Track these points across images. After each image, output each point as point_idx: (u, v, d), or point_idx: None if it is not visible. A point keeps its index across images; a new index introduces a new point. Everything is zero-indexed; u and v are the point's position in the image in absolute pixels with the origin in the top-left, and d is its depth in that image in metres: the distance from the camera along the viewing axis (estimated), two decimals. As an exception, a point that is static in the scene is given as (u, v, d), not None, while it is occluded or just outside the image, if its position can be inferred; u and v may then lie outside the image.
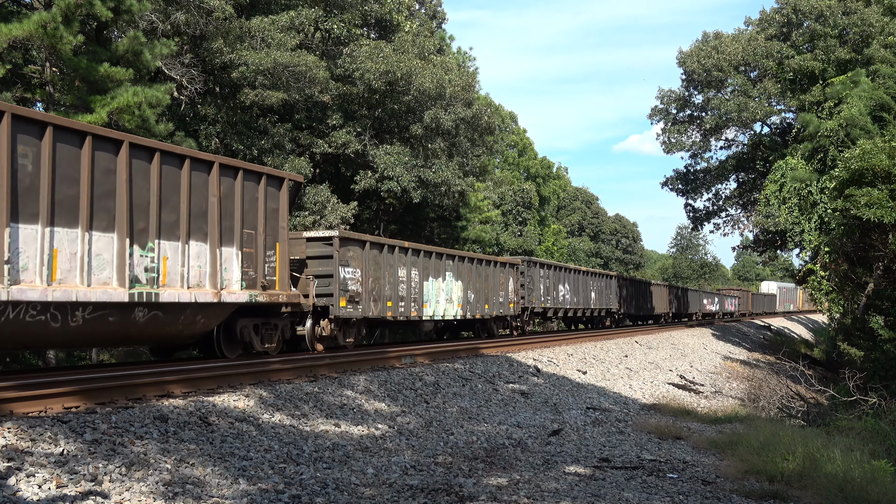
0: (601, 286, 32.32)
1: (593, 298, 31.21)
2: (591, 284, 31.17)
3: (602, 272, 33.19)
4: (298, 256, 15.15)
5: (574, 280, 29.14)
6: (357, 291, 15.82)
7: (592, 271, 31.73)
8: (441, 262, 19.66)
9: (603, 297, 32.46)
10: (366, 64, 26.29)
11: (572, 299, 28.77)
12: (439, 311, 19.35)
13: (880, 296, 22.72)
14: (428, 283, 18.90)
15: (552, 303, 26.78)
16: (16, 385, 8.41)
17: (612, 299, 33.71)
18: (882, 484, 8.71)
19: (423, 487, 7.39)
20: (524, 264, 24.96)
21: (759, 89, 39.05)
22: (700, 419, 14.79)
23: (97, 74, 16.76)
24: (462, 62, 46.00)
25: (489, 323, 22.84)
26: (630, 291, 37.92)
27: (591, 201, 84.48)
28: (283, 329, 14.14)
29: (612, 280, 33.98)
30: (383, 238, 18.12)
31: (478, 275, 21.62)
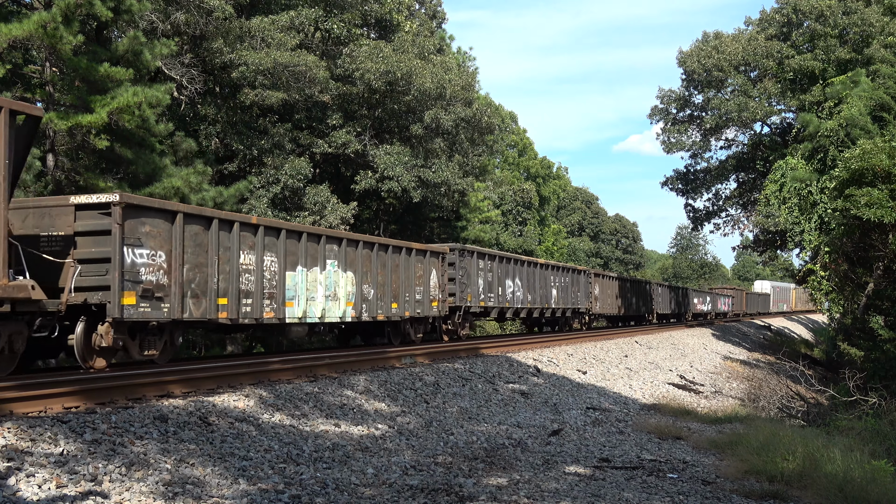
0: (566, 282, 28.55)
1: (555, 296, 27.35)
2: (553, 280, 27.32)
3: (568, 266, 29.51)
4: (62, 232, 10.83)
5: (529, 274, 25.21)
6: (159, 283, 11.42)
7: (554, 264, 27.81)
8: (318, 246, 15.11)
9: (569, 295, 28.76)
10: (366, 64, 26.29)
11: (526, 297, 24.85)
12: (314, 312, 14.85)
13: (880, 296, 22.72)
14: (295, 273, 14.40)
15: (497, 301, 22.68)
16: (16, 385, 8.41)
17: (582, 297, 30.03)
18: (882, 484, 8.71)
19: (423, 487, 7.39)
20: (454, 253, 20.70)
21: (759, 89, 39.06)
22: (700, 419, 14.79)
23: (97, 74, 16.76)
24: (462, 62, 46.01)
25: (403, 326, 18.54)
26: (607, 289, 33.75)
27: (591, 201, 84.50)
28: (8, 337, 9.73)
29: (580, 276, 30.22)
30: (212, 210, 13.67)
31: (380, 265, 17.17)
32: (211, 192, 19.65)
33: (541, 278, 26.17)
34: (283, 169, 24.00)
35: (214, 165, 23.42)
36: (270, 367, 11.39)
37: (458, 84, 28.48)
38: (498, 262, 23.06)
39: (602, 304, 32.69)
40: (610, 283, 34.23)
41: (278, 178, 23.95)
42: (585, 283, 30.58)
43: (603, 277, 33.40)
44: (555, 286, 27.41)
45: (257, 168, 24.44)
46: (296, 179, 24.14)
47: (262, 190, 23.74)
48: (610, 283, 34.34)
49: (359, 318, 16.35)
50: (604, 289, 33.11)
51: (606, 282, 33.83)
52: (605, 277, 33.88)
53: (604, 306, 33.01)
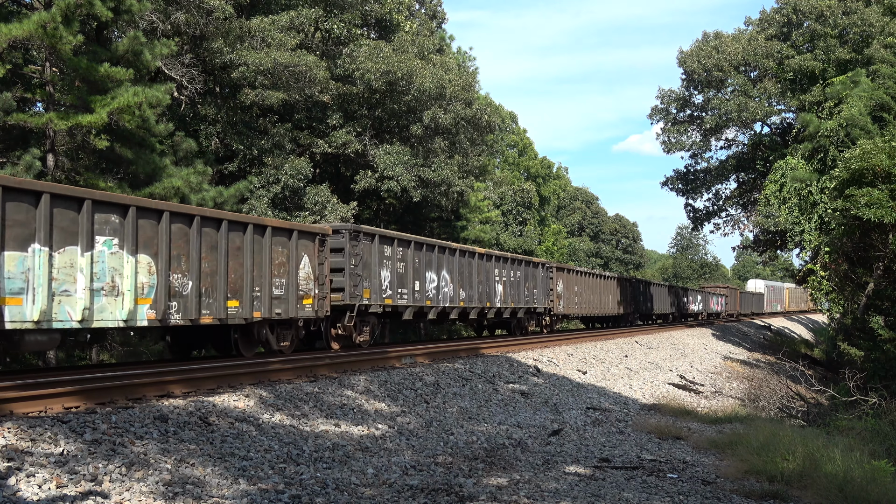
0: (517, 277, 24.16)
1: (501, 294, 22.94)
2: (499, 274, 22.82)
3: (520, 258, 25.11)
4: None
5: (463, 266, 20.64)
6: None
7: (500, 255, 23.24)
8: (79, 215, 10.21)
9: (522, 292, 24.49)
10: (366, 64, 26.29)
11: (458, 294, 20.35)
12: (68, 313, 9.97)
13: (880, 296, 22.71)
14: (25, 255, 9.48)
15: (412, 298, 18.16)
16: (16, 385, 8.41)
17: (540, 295, 25.89)
18: (882, 484, 8.71)
19: (423, 487, 7.39)
20: (341, 235, 15.89)
21: (759, 89, 39.06)
22: (700, 419, 14.79)
23: (97, 74, 16.76)
24: (462, 62, 46.02)
25: (257, 331, 13.77)
26: (573, 286, 29.36)
27: (591, 201, 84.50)
28: None
29: (538, 269, 25.94)
30: None
31: (207, 247, 12.38)
32: (211, 192, 19.65)
33: (481, 272, 21.66)
34: (283, 169, 24.00)
35: (214, 165, 23.43)
36: (270, 367, 11.39)
37: (458, 84, 28.49)
38: (415, 250, 18.36)
39: (568, 302, 28.48)
40: (578, 280, 30.02)
41: (278, 178, 23.95)
42: (545, 279, 26.33)
43: (569, 272, 29.14)
44: (501, 281, 22.89)
45: (257, 168, 24.44)
46: (296, 179, 24.15)
47: (262, 190, 23.74)
48: (578, 278, 30.02)
49: (163, 320, 11.41)
50: (569, 285, 28.83)
51: (573, 277, 29.56)
52: (572, 273, 29.67)
53: (570, 305, 28.78)
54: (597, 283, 32.15)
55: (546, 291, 26.46)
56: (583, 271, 31.24)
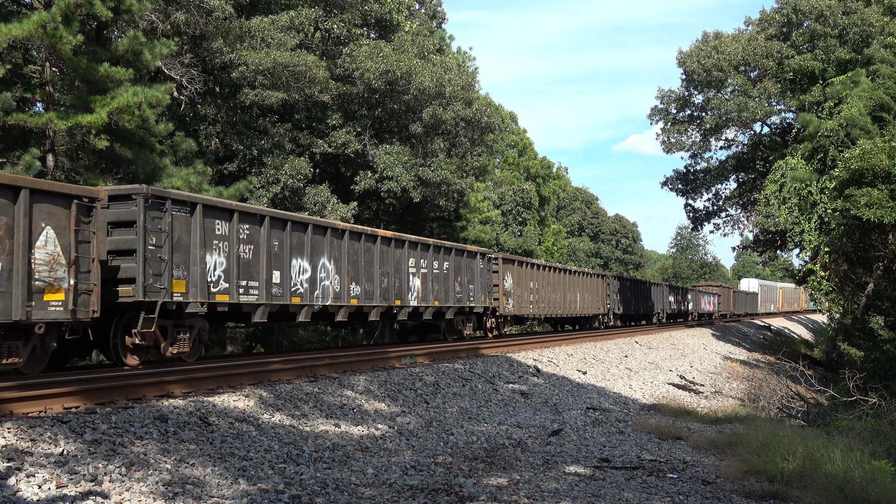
0: (443, 270, 19.48)
1: (418, 290, 18.27)
2: (416, 265, 18.26)
3: (448, 245, 20.15)
4: None
5: (355, 253, 15.88)
6: None
7: (415, 240, 18.51)
8: None
9: (452, 289, 19.79)
10: (366, 64, 26.30)
11: (347, 288, 15.54)
12: None
13: (880, 296, 22.72)
14: None
15: (263, 294, 13.21)
16: (16, 385, 8.41)
17: (478, 292, 21.14)
18: (882, 484, 8.71)
19: (423, 487, 7.39)
20: (132, 203, 11.20)
21: (759, 89, 39.07)
22: (700, 419, 14.79)
23: (97, 74, 16.76)
24: (462, 62, 46.03)
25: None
26: (527, 282, 24.61)
27: (590, 201, 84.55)
28: None
29: (476, 260, 21.11)
30: None
31: None
32: (211, 192, 19.65)
33: (386, 261, 17.02)
34: (283, 169, 24.00)
35: (214, 165, 23.43)
36: (270, 367, 11.40)
37: (457, 84, 28.49)
38: (271, 228, 13.44)
39: (520, 301, 23.81)
40: (534, 274, 25.26)
41: (278, 178, 23.95)
42: (485, 272, 21.59)
43: (520, 265, 24.18)
44: (419, 274, 18.32)
45: (257, 168, 24.44)
46: (296, 179, 24.15)
47: (262, 190, 23.74)
48: (533, 273, 25.24)
49: None
50: (522, 281, 24.04)
51: (527, 272, 24.65)
52: (525, 266, 24.66)
53: (523, 305, 24.09)
54: (565, 280, 28.08)
55: (487, 287, 21.63)
56: (543, 265, 26.58)
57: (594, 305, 31.55)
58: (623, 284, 36.30)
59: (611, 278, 34.11)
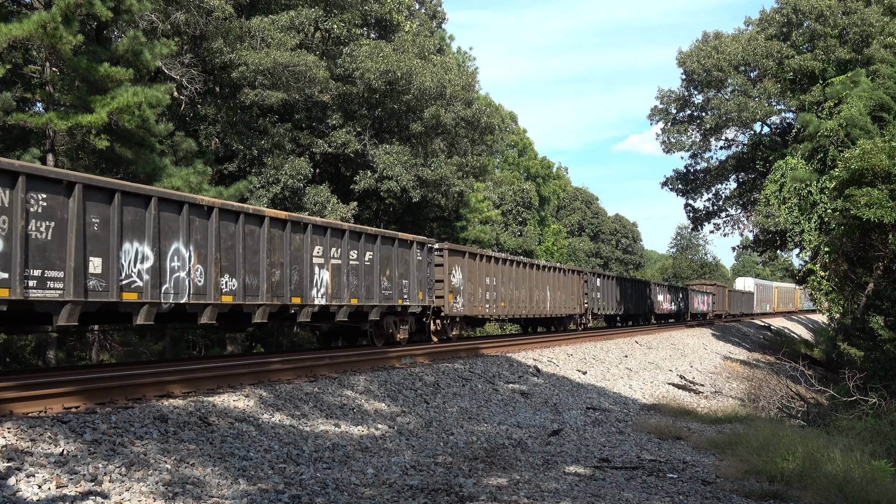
0: (366, 261, 16.01)
1: (327, 285, 14.70)
2: (321, 254, 14.69)
3: (371, 231, 16.43)
4: None
5: (228, 237, 12.39)
6: None
7: (322, 224, 14.85)
8: None
9: (374, 284, 16.22)
10: (366, 64, 26.31)
11: (214, 281, 11.94)
12: None
13: (880, 296, 22.72)
14: None
15: (69, 290, 9.64)
16: (16, 385, 8.41)
17: (413, 288, 17.74)
18: (882, 484, 8.71)
19: (423, 487, 7.39)
20: None
21: (759, 89, 39.08)
22: (700, 419, 14.80)
23: (97, 74, 16.77)
24: (462, 62, 46.04)
25: None
26: (481, 277, 21.23)
27: (591, 201, 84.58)
28: None
29: (411, 250, 17.78)
30: None
31: None
32: (211, 192, 19.66)
33: (278, 249, 13.51)
34: (283, 169, 24.01)
35: (214, 165, 23.44)
36: (270, 367, 11.40)
37: (458, 84, 28.50)
38: (85, 200, 9.91)
39: (473, 300, 20.69)
40: (491, 269, 21.94)
41: (278, 178, 23.96)
42: (424, 265, 18.37)
43: (472, 258, 20.78)
44: (328, 266, 14.79)
45: (257, 168, 24.45)
46: (296, 179, 24.15)
47: (262, 190, 23.75)
48: (490, 267, 21.90)
49: None
50: (475, 276, 20.80)
51: (482, 265, 21.34)
52: (479, 259, 21.26)
53: (476, 304, 20.93)
54: (528, 275, 24.83)
55: (427, 283, 18.47)
56: (504, 258, 23.13)
57: (569, 305, 28.68)
58: (605, 282, 32.97)
59: (589, 275, 31.15)
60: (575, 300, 29.30)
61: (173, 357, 21.33)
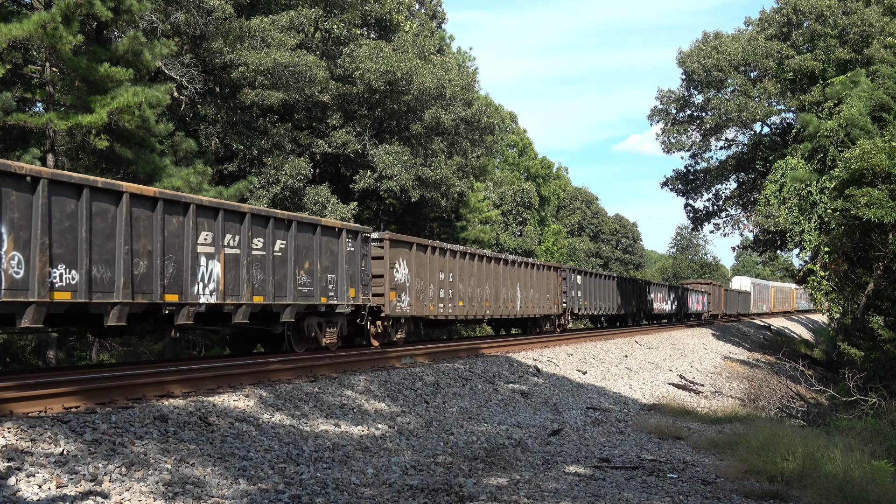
0: (276, 252, 13.49)
1: (217, 279, 12.13)
2: (211, 241, 12.08)
3: (282, 215, 13.81)
4: None
5: (75, 219, 9.95)
6: None
7: (212, 204, 12.21)
8: None
9: (288, 279, 13.77)
10: (366, 64, 26.31)
11: (49, 275, 9.48)
12: None
13: (880, 296, 22.72)
14: None
15: None
16: (16, 385, 8.41)
17: (343, 284, 15.26)
18: (882, 484, 8.72)
19: (423, 487, 7.39)
20: None
21: (759, 89, 39.08)
22: (700, 419, 14.80)
23: (97, 74, 16.77)
24: (462, 62, 46.05)
25: None
26: (440, 274, 19.27)
27: (591, 201, 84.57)
28: None
29: (340, 239, 15.33)
30: None
31: None
32: (211, 192, 19.66)
33: (144, 233, 11.03)
34: (283, 169, 24.01)
35: (214, 165, 23.44)
36: (270, 367, 11.40)
37: (458, 84, 28.50)
38: None
39: (422, 298, 18.38)
40: (446, 263, 19.62)
41: (278, 178, 23.96)
42: (359, 258, 15.88)
43: (422, 250, 18.55)
44: (219, 257, 12.19)
45: (257, 168, 24.45)
46: (296, 179, 24.15)
47: (262, 190, 23.75)
48: (445, 261, 19.60)
49: None
50: (425, 271, 18.59)
51: (434, 259, 19.05)
52: (431, 251, 18.93)
53: (426, 303, 18.57)
54: (493, 271, 22.54)
55: (362, 279, 16.02)
56: (462, 251, 20.72)
57: (544, 304, 26.30)
58: (588, 280, 30.58)
59: (568, 272, 28.63)
60: (551, 299, 27.18)
61: (173, 357, 21.32)
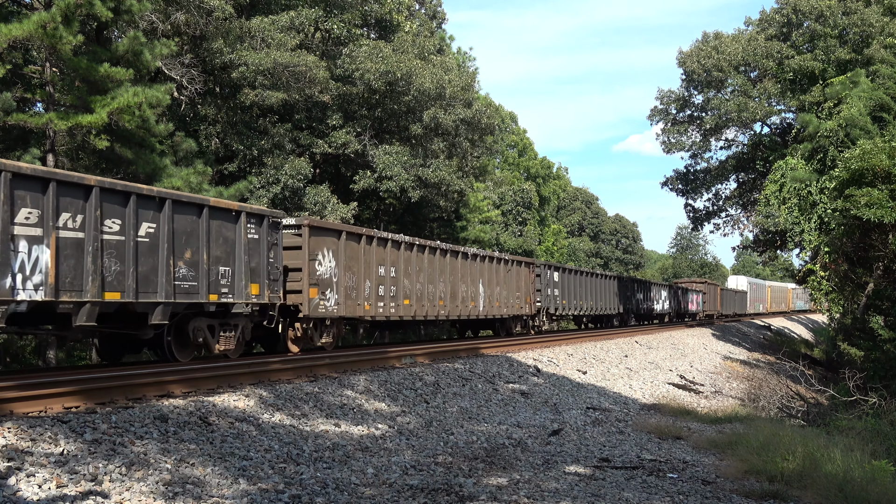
0: (147, 236, 11.03)
1: (48, 271, 9.45)
2: (44, 225, 9.46)
3: (167, 195, 11.38)
4: None
5: None
6: None
7: (46, 175, 9.56)
8: None
9: (160, 271, 11.22)
10: (366, 64, 26.31)
11: None
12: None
13: (880, 296, 22.71)
14: None
15: None
16: (16, 385, 8.41)
17: (241, 279, 12.87)
18: (882, 484, 8.72)
19: (423, 487, 7.39)
20: None
21: (759, 89, 39.09)
22: (700, 419, 14.79)
23: (97, 74, 16.77)
24: (462, 62, 46.05)
25: None
26: (378, 266, 16.87)
27: (591, 201, 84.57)
28: None
29: (238, 225, 12.79)
30: None
31: None
32: (211, 192, 19.66)
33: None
34: (283, 169, 24.01)
35: (214, 165, 23.44)
36: (270, 367, 11.39)
37: (457, 84, 28.50)
38: None
39: (353, 295, 15.96)
40: (387, 256, 17.33)
41: (278, 179, 23.96)
42: (264, 248, 13.45)
43: (354, 239, 16.26)
44: (50, 243, 9.57)
45: (257, 168, 24.45)
46: (296, 179, 24.15)
47: (262, 190, 23.75)
48: (387, 253, 17.33)
49: None
50: (358, 265, 16.25)
51: (372, 250, 16.76)
52: (363, 240, 16.52)
53: (359, 300, 16.16)
54: (450, 266, 20.28)
55: (270, 272, 13.54)
56: (407, 241, 18.20)
57: (513, 304, 24.05)
58: (567, 277, 28.38)
59: (543, 267, 26.31)
60: (522, 298, 24.82)
61: (173, 357, 21.27)
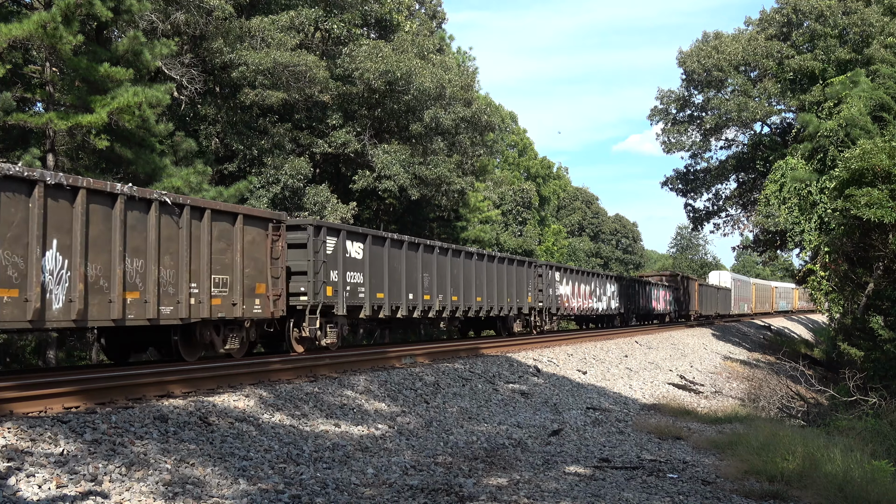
0: None
1: None
2: None
3: None
4: None
5: None
6: None
7: None
8: None
9: None
10: (365, 64, 26.30)
11: None
12: None
13: (880, 296, 22.70)
14: None
15: None
16: (16, 385, 8.41)
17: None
18: (882, 484, 8.71)
19: (423, 487, 7.39)
20: None
21: (759, 89, 39.06)
22: (700, 419, 14.79)
23: (97, 74, 16.76)
24: (462, 62, 46.05)
25: None
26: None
27: (591, 201, 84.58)
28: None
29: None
30: None
31: None
32: (211, 192, 19.66)
33: None
34: (283, 169, 24.01)
35: (214, 165, 23.44)
36: (270, 367, 11.39)
37: (457, 84, 28.49)
38: None
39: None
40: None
41: (278, 178, 23.95)
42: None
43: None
44: None
45: (257, 168, 24.45)
46: (296, 179, 24.15)
47: (262, 190, 23.74)
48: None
49: None
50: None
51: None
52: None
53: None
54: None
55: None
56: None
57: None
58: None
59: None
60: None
61: (173, 357, 21.27)
